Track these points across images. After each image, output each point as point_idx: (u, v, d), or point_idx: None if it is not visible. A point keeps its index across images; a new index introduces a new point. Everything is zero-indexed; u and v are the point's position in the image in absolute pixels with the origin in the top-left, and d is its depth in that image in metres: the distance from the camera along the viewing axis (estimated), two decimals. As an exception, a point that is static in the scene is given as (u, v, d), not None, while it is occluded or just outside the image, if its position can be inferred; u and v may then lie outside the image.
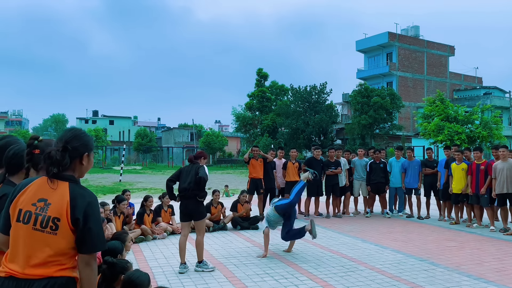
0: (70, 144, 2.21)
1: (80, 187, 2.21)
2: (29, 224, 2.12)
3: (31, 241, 2.11)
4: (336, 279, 5.51)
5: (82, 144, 2.27)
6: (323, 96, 43.44)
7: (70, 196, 2.13)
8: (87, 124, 72.88)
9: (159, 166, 50.57)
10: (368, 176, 10.87)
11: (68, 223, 2.11)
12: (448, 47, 52.22)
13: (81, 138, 2.28)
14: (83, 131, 2.37)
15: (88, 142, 2.32)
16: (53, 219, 2.10)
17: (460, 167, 9.49)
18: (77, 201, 2.13)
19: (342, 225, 9.58)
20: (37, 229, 2.11)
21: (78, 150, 2.24)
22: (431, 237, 8.31)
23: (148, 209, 8.20)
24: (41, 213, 2.12)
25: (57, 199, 2.13)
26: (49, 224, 2.10)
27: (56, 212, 2.11)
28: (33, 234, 2.11)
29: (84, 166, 2.29)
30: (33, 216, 2.12)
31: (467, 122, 25.27)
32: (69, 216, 2.10)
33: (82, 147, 2.26)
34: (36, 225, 2.11)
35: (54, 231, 2.10)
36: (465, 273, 5.78)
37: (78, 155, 2.25)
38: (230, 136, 66.70)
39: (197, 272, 5.80)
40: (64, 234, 2.11)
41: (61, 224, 2.10)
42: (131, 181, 24.52)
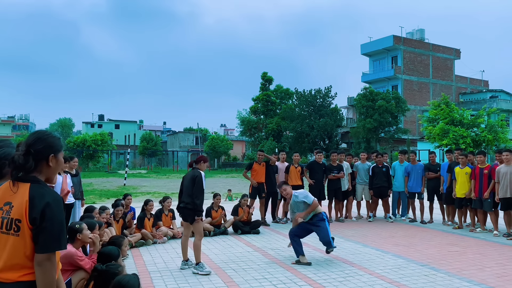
0: (33, 147, 2.21)
1: (41, 187, 2.19)
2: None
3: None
4: (335, 284, 5.46)
5: (46, 146, 2.25)
6: (328, 99, 43.35)
7: (29, 196, 2.13)
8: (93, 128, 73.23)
9: (164, 170, 50.67)
10: (371, 180, 10.81)
11: (27, 223, 2.10)
12: (453, 50, 52.00)
13: (45, 140, 2.27)
14: (48, 132, 2.35)
15: (53, 143, 2.29)
16: (15, 220, 2.11)
17: (464, 171, 9.41)
18: (35, 200, 2.12)
19: (344, 230, 9.52)
20: (3, 232, 2.13)
21: (42, 152, 2.23)
22: (433, 241, 8.23)
23: (149, 213, 8.20)
24: (6, 216, 2.14)
25: (18, 201, 2.14)
26: (12, 226, 2.11)
27: (17, 213, 2.12)
28: (1, 238, 2.13)
29: (52, 168, 2.28)
30: (0, 220, 2.14)
31: (473, 125, 25.09)
32: (27, 216, 2.10)
33: (46, 149, 2.25)
34: (2, 228, 2.13)
35: (17, 232, 2.11)
36: (466, 278, 5.71)
37: (43, 158, 2.24)
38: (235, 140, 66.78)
39: (195, 277, 5.78)
40: (25, 235, 2.11)
41: (22, 225, 2.11)
42: (135, 185, 24.58)
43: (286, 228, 9.67)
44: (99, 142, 46.48)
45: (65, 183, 7.04)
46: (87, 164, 46.33)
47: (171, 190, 20.15)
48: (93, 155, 46.81)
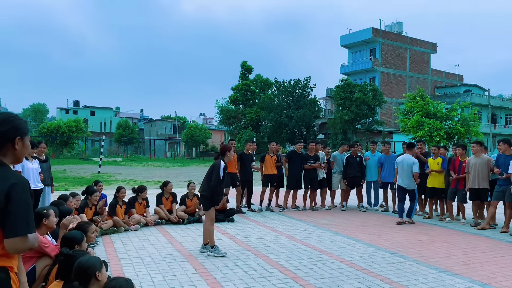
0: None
1: (5, 170, 2.13)
2: None
3: None
4: (306, 271, 5.52)
5: (12, 128, 2.19)
6: (306, 90, 43.59)
7: None
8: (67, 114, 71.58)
9: (140, 158, 50.09)
10: (345, 170, 10.94)
11: None
12: (430, 44, 52.88)
13: (11, 122, 2.21)
14: (15, 114, 2.30)
15: (19, 125, 2.23)
16: None
17: (436, 161, 9.62)
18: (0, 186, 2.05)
19: (317, 218, 9.62)
20: None
21: (7, 134, 2.17)
22: (403, 230, 8.40)
23: (121, 200, 8.08)
24: None
25: None
26: None
27: None
28: None
29: (18, 151, 2.22)
30: None
31: (446, 118, 25.69)
32: None
33: (12, 131, 2.19)
34: None
35: None
36: (433, 266, 5.86)
37: (9, 140, 2.18)
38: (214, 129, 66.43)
39: (166, 263, 5.75)
40: None
41: None
42: (110, 172, 24.21)
43: (261, 216, 9.72)
44: (73, 128, 45.42)
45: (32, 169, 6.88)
46: (62, 151, 45.34)
47: (146, 179, 19.94)
48: (67, 142, 45.78)
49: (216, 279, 5.13)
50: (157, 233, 7.73)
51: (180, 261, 5.92)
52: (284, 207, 10.68)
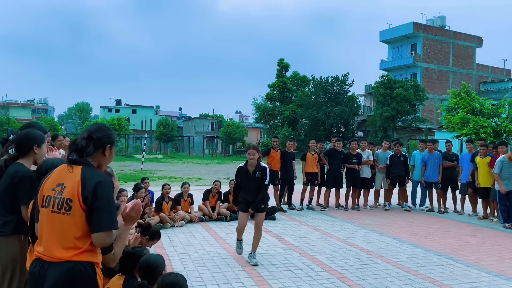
0: (95, 134, 2.35)
1: (92, 170, 2.28)
2: (48, 208, 2.23)
3: (50, 224, 2.22)
4: (352, 271, 5.48)
5: (105, 136, 2.39)
6: (345, 87, 42.92)
7: (81, 176, 2.22)
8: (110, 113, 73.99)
9: (180, 155, 51.08)
10: (388, 169, 10.71)
11: (80, 203, 2.18)
12: (475, 38, 50.70)
13: (105, 131, 2.41)
14: (107, 125, 2.52)
15: (111, 135, 2.44)
16: (66, 200, 2.20)
17: (485, 161, 9.27)
18: (87, 181, 2.21)
19: (360, 218, 9.50)
20: (55, 211, 2.21)
21: (101, 140, 2.36)
22: (451, 232, 8.16)
23: (166, 197, 8.30)
24: (58, 197, 2.22)
25: (71, 181, 2.23)
26: (63, 206, 2.19)
27: (69, 193, 2.20)
28: (52, 217, 2.22)
29: (106, 158, 2.40)
30: (52, 199, 2.23)
31: (493, 115, 24.56)
32: (80, 196, 2.18)
33: (105, 139, 2.38)
34: (54, 207, 2.21)
35: (68, 211, 2.19)
36: (484, 269, 5.67)
37: (101, 145, 2.36)
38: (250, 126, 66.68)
39: (213, 260, 5.87)
40: (77, 214, 2.18)
41: (73, 204, 2.19)
42: (152, 169, 24.87)
43: (302, 215, 9.72)
44: (116, 126, 46.99)
45: None
46: (105, 148, 46.92)
47: (187, 175, 20.35)
48: (110, 140, 47.37)
49: (263, 277, 5.20)
50: (202, 230, 7.90)
51: (226, 257, 6.03)
52: (324, 205, 10.61)
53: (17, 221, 3.00)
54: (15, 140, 3.21)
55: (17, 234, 3.00)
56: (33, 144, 3.17)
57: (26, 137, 3.22)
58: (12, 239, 2.98)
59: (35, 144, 3.18)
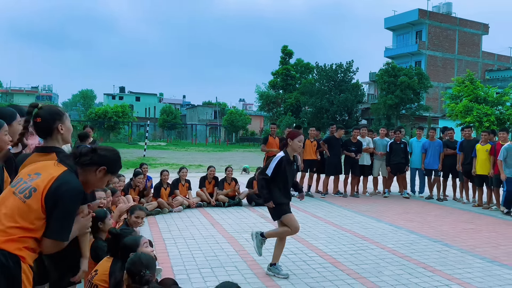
0: (100, 151, 2.36)
1: (72, 177, 2.21)
2: (13, 188, 2.19)
3: (2, 202, 2.15)
4: (346, 256, 5.51)
5: (109, 159, 2.38)
6: (349, 74, 42.58)
7: (59, 176, 2.16)
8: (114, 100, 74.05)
9: (183, 143, 51.17)
10: (388, 157, 10.68)
11: (42, 198, 2.11)
12: (482, 25, 50.03)
13: (113, 155, 2.43)
14: (119, 154, 2.49)
15: (115, 162, 2.43)
16: (32, 188, 2.14)
17: (484, 148, 9.22)
18: (61, 183, 2.14)
19: (358, 205, 9.52)
20: (15, 193, 2.15)
21: (102, 159, 2.35)
22: (448, 219, 8.16)
23: (165, 182, 8.34)
24: (27, 181, 2.18)
25: (47, 174, 2.18)
26: (25, 191, 2.13)
27: (38, 184, 2.15)
28: (8, 197, 2.16)
29: (95, 178, 2.35)
30: (21, 182, 2.19)
31: (498, 103, 24.39)
32: (45, 192, 2.12)
33: (106, 160, 2.36)
34: (17, 190, 2.16)
35: (26, 198, 2.12)
36: (478, 255, 5.68)
37: (98, 164, 2.34)
38: (254, 114, 66.57)
39: (208, 244, 5.91)
40: (31, 206, 2.10)
41: (35, 195, 2.11)
42: (154, 156, 24.94)
43: (300, 202, 9.72)
44: (120, 114, 47.05)
45: None
46: (109, 135, 47.10)
47: (189, 162, 20.41)
48: (114, 127, 47.48)
49: (256, 261, 5.24)
50: (199, 215, 7.95)
51: (221, 242, 6.07)
52: (323, 192, 10.63)
53: None
54: None
55: None
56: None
57: None
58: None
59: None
